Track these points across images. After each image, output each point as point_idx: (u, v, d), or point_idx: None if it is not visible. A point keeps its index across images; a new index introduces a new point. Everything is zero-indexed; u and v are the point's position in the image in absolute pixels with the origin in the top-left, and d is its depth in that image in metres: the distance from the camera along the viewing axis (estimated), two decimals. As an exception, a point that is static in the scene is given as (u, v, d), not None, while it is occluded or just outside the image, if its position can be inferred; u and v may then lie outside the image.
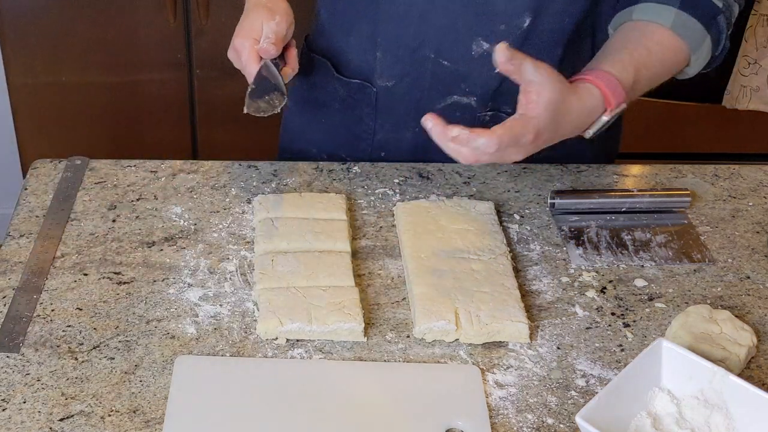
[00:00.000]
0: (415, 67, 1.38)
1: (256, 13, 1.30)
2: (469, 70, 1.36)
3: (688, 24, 1.24)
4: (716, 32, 1.26)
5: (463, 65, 1.36)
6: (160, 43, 2.36)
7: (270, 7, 1.31)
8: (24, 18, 2.30)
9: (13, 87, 2.41)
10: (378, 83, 1.42)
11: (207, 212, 1.30)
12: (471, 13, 1.31)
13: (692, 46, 1.25)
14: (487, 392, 1.05)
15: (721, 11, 1.26)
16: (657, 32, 1.24)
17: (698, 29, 1.25)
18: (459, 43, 1.34)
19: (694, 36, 1.25)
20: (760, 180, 1.45)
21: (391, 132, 1.45)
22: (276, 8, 1.31)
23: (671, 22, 1.23)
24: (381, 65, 1.40)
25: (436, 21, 1.33)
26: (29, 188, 1.33)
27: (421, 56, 1.37)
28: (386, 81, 1.41)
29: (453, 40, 1.34)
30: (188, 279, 1.18)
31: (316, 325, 1.09)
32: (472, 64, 1.35)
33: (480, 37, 1.33)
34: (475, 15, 1.31)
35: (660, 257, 1.27)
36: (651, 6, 1.26)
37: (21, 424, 0.98)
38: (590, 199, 1.34)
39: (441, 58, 1.36)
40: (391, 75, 1.40)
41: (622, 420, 0.99)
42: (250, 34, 1.28)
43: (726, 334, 1.09)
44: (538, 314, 1.16)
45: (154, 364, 1.06)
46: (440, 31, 1.34)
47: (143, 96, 2.44)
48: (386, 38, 1.38)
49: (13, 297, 1.14)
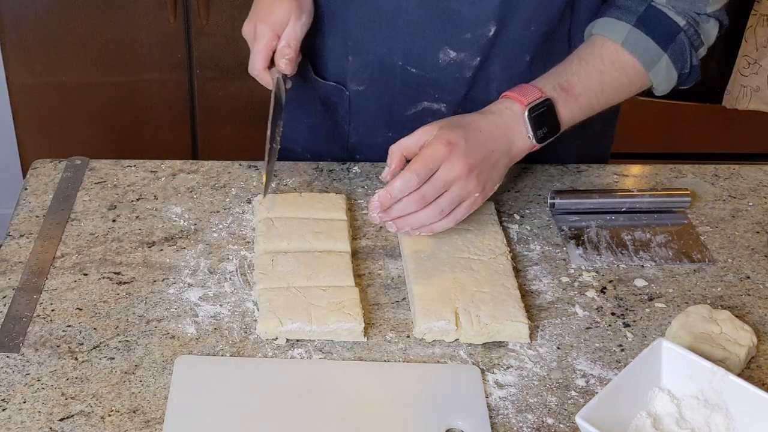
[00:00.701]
0: (384, 73, 1.38)
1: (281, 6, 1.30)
2: (437, 77, 1.36)
3: (640, 41, 1.25)
4: (677, 50, 1.27)
5: (431, 72, 1.36)
6: (160, 43, 2.36)
7: (299, 3, 1.32)
8: (24, 18, 2.30)
9: (13, 87, 2.40)
10: (350, 87, 1.42)
11: (207, 212, 1.30)
12: (437, 22, 1.32)
13: (646, 64, 1.26)
14: (487, 392, 1.05)
15: (682, 29, 1.26)
16: (607, 48, 1.26)
17: (652, 48, 1.25)
18: (426, 51, 1.34)
19: (647, 53, 1.25)
20: (760, 180, 1.45)
21: (364, 136, 1.45)
22: (305, 3, 1.33)
23: (623, 38, 1.25)
24: (352, 69, 1.40)
25: (404, 29, 1.33)
26: (29, 188, 1.33)
27: (390, 63, 1.37)
28: (357, 85, 1.41)
29: (420, 48, 1.34)
30: (188, 279, 1.18)
31: (316, 325, 1.09)
32: (439, 72, 1.35)
33: (447, 45, 1.33)
34: (442, 24, 1.32)
35: (660, 257, 1.27)
36: (609, 21, 1.27)
37: (21, 424, 0.98)
38: (590, 199, 1.34)
39: (408, 65, 1.36)
40: (361, 80, 1.40)
41: (622, 420, 0.99)
42: (274, 27, 1.29)
43: (726, 334, 1.09)
44: (538, 314, 1.16)
45: (154, 364, 1.06)
46: (407, 39, 1.34)
47: (143, 96, 2.44)
48: (356, 43, 1.38)
49: (13, 297, 1.14)
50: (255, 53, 1.30)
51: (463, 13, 1.30)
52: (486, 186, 1.18)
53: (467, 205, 1.17)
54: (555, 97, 1.22)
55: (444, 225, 1.18)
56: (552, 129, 1.22)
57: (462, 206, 1.17)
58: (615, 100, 1.29)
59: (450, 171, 1.14)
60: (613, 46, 1.26)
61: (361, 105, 1.43)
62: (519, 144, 1.21)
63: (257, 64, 1.30)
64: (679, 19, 1.26)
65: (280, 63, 1.29)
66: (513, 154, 1.21)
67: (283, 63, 1.29)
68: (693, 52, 1.28)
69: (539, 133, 1.21)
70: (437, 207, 1.15)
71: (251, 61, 1.31)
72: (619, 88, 1.28)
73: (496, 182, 1.21)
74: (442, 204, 1.15)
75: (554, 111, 1.22)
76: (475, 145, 1.16)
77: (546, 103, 1.21)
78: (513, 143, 1.20)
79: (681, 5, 1.26)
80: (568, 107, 1.23)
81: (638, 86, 1.29)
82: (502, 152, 1.19)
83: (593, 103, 1.26)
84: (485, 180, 1.18)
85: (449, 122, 1.19)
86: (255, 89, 1.38)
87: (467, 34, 1.32)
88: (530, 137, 1.21)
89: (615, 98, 1.29)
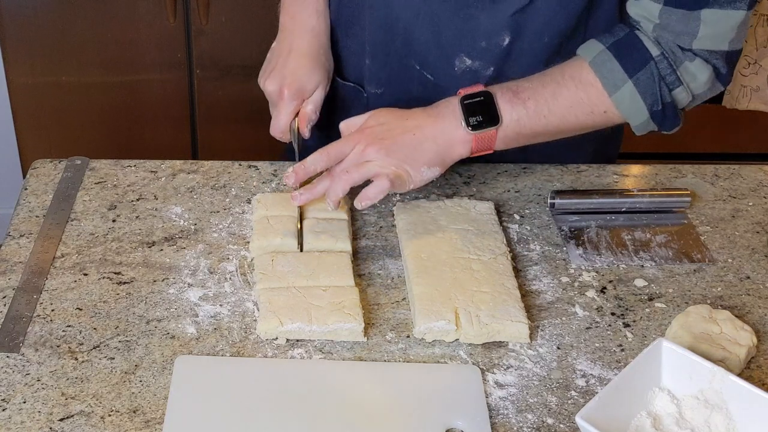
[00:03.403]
0: (402, 77, 1.39)
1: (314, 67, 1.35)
2: (452, 85, 1.36)
3: (607, 63, 1.22)
4: (644, 80, 1.21)
5: (446, 80, 1.36)
6: (160, 43, 2.36)
7: (326, 68, 1.37)
8: (24, 18, 2.30)
9: (13, 87, 2.40)
10: (368, 89, 1.43)
11: (207, 212, 1.30)
12: (454, 29, 1.32)
13: (606, 86, 1.22)
14: (487, 392, 1.05)
15: (653, 58, 1.21)
16: (573, 65, 1.25)
17: (617, 70, 1.21)
18: (442, 57, 1.35)
19: (611, 76, 1.22)
20: (760, 180, 1.45)
21: None
22: (330, 68, 1.39)
23: (591, 57, 1.23)
24: (369, 72, 1.41)
25: (421, 35, 1.34)
26: (29, 188, 1.33)
27: (408, 66, 1.38)
28: (375, 88, 1.42)
29: (437, 54, 1.35)
30: (188, 279, 1.18)
31: (316, 325, 1.09)
32: (454, 80, 1.35)
33: (463, 53, 1.34)
34: (458, 31, 1.32)
35: (660, 257, 1.27)
36: (590, 42, 1.26)
37: (21, 424, 0.98)
38: (590, 199, 1.34)
39: (425, 70, 1.37)
40: (379, 82, 1.41)
41: (622, 420, 0.99)
42: (301, 94, 1.34)
43: (726, 334, 1.09)
44: (538, 314, 1.16)
45: (154, 364, 1.06)
46: (425, 45, 1.34)
47: (143, 96, 2.44)
48: (374, 46, 1.38)
49: (13, 297, 1.14)
50: (282, 115, 1.33)
51: (480, 21, 1.30)
52: (407, 164, 1.20)
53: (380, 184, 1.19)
54: (498, 94, 1.22)
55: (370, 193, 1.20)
56: (488, 119, 1.21)
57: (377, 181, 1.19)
58: (573, 116, 1.24)
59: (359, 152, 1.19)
60: (579, 63, 1.24)
61: (378, 107, 1.43)
62: (450, 131, 1.22)
63: (282, 126, 1.33)
64: (653, 49, 1.21)
65: (306, 127, 1.33)
66: (443, 141, 1.21)
67: (308, 128, 1.34)
68: (664, 88, 1.21)
69: (471, 120, 1.21)
70: (344, 172, 1.19)
71: (277, 121, 1.34)
72: (575, 104, 1.23)
73: (422, 164, 1.21)
74: (345, 164, 1.19)
75: (493, 104, 1.22)
76: (394, 128, 1.21)
77: (483, 94, 1.22)
78: (444, 130, 1.22)
79: (666, 36, 1.21)
80: (511, 105, 1.22)
81: (602, 110, 1.24)
82: (427, 136, 1.21)
83: (544, 110, 1.23)
84: (402, 158, 1.19)
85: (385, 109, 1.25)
86: (255, 89, 1.38)
87: (482, 42, 1.32)
88: (462, 124, 1.21)
89: (572, 113, 1.24)
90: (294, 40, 1.37)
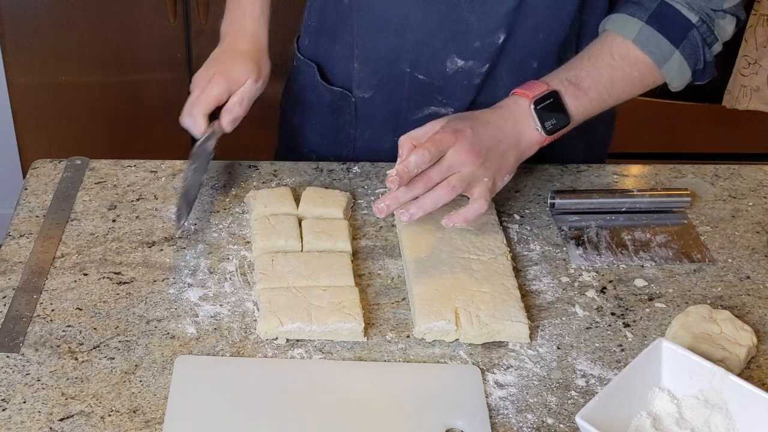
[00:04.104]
0: (392, 80, 1.38)
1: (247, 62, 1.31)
2: (445, 84, 1.36)
3: (652, 38, 1.25)
4: (690, 47, 1.26)
5: (439, 80, 1.36)
6: (160, 43, 2.36)
7: (260, 65, 1.33)
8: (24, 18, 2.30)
9: (13, 87, 2.40)
10: (356, 93, 1.42)
11: (207, 212, 1.30)
12: (446, 31, 1.32)
13: (657, 60, 1.26)
14: (487, 392, 1.05)
15: (695, 26, 1.26)
16: (618, 44, 1.26)
17: (664, 44, 1.25)
18: (434, 59, 1.35)
19: (659, 50, 1.25)
20: (760, 180, 1.45)
21: (370, 141, 1.46)
22: (264, 68, 1.34)
23: (634, 35, 1.25)
24: (358, 76, 1.40)
25: (411, 37, 1.33)
26: (29, 188, 1.33)
27: (398, 69, 1.37)
28: (364, 92, 1.41)
29: (428, 55, 1.35)
30: (188, 279, 1.18)
31: (316, 325, 1.09)
32: (447, 79, 1.36)
33: (454, 54, 1.34)
34: (450, 33, 1.32)
35: (660, 257, 1.27)
36: (621, 17, 1.27)
37: (21, 424, 0.98)
38: (590, 199, 1.34)
39: (417, 72, 1.37)
40: (368, 86, 1.41)
41: (622, 420, 0.99)
42: (229, 84, 1.29)
43: (726, 334, 1.09)
44: (538, 314, 1.16)
45: (154, 364, 1.06)
46: (415, 47, 1.34)
47: (143, 96, 2.44)
48: (363, 50, 1.38)
49: (13, 297, 1.14)
50: (201, 98, 1.28)
51: (472, 23, 1.30)
52: (496, 175, 1.18)
53: (480, 189, 1.17)
54: (562, 90, 1.23)
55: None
56: (561, 120, 1.23)
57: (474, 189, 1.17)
58: (627, 93, 1.29)
59: (456, 156, 1.14)
60: (624, 42, 1.26)
61: (367, 110, 1.43)
62: (528, 136, 1.21)
63: (201, 109, 1.27)
64: (692, 16, 1.26)
65: (226, 119, 1.28)
66: (522, 147, 1.22)
67: (229, 120, 1.28)
68: (706, 49, 1.28)
69: (547, 125, 1.21)
70: (448, 184, 1.14)
71: (193, 104, 1.28)
72: (630, 83, 1.27)
73: (505, 173, 1.20)
74: (453, 181, 1.14)
75: (561, 103, 1.22)
76: (482, 135, 1.17)
77: (552, 95, 1.22)
78: (522, 136, 1.21)
79: (697, 2, 1.26)
80: (577, 100, 1.23)
81: (651, 81, 1.29)
82: (511, 144, 1.20)
83: (604, 96, 1.26)
84: (494, 170, 1.18)
85: (458, 115, 1.22)
86: (254, 89, 1.38)
87: (476, 42, 1.32)
88: (538, 129, 1.21)
89: (627, 92, 1.29)
90: (232, 42, 1.35)
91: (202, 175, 1.28)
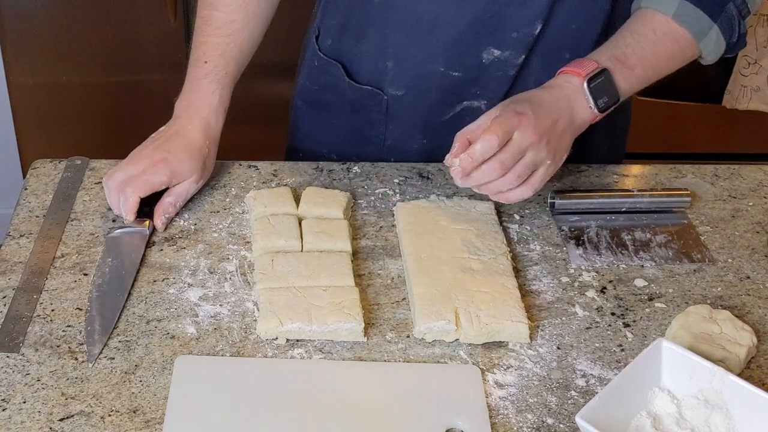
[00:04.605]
0: (425, 79, 1.39)
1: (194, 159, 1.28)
2: (480, 75, 1.37)
3: (691, 14, 1.26)
4: (726, 21, 1.28)
5: (474, 72, 1.37)
6: (160, 43, 2.36)
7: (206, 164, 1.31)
8: (24, 18, 2.30)
9: (13, 87, 2.40)
10: (389, 91, 1.42)
11: (207, 212, 1.30)
12: (480, 26, 1.32)
13: (696, 35, 1.27)
14: (487, 392, 1.05)
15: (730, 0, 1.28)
16: (658, 20, 1.27)
17: (703, 19, 1.27)
18: (468, 53, 1.35)
19: (698, 25, 1.27)
20: (760, 180, 1.45)
21: (400, 139, 1.45)
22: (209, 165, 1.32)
23: (673, 11, 1.26)
24: (392, 74, 1.40)
25: (444, 35, 1.34)
26: (29, 188, 1.33)
27: (431, 68, 1.37)
28: (397, 90, 1.41)
29: (461, 51, 1.35)
30: (188, 279, 1.18)
31: (316, 325, 1.09)
32: (482, 70, 1.36)
33: (491, 45, 1.34)
34: (485, 27, 1.32)
35: (660, 257, 1.27)
36: None
37: (21, 424, 0.98)
38: (590, 199, 1.34)
39: (451, 69, 1.37)
40: (401, 84, 1.41)
41: (622, 420, 0.99)
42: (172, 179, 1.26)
43: (726, 334, 1.09)
44: (538, 314, 1.16)
45: (154, 364, 1.06)
46: (448, 44, 1.34)
47: (143, 96, 2.44)
48: (396, 49, 1.38)
49: (13, 297, 1.14)
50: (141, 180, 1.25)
51: (510, 15, 1.31)
52: (556, 155, 1.19)
53: (542, 172, 1.18)
54: (611, 68, 1.24)
55: (522, 193, 1.18)
56: (612, 98, 1.24)
57: (537, 173, 1.18)
58: (668, 69, 1.30)
59: (523, 137, 1.15)
60: (663, 18, 1.27)
61: (398, 109, 1.43)
62: (582, 114, 1.23)
63: (138, 191, 1.24)
64: None
65: (160, 219, 1.25)
66: (577, 125, 1.23)
67: (162, 221, 1.25)
68: (741, 21, 1.29)
69: (600, 102, 1.23)
70: (514, 173, 1.16)
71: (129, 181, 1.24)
72: (671, 58, 1.29)
73: (563, 152, 1.21)
74: (519, 170, 1.16)
75: (612, 81, 1.24)
76: (542, 114, 1.18)
77: (603, 72, 1.23)
78: (576, 114, 1.22)
79: None
80: (624, 77, 1.25)
81: (690, 56, 1.31)
82: (567, 122, 1.21)
83: (648, 72, 1.28)
84: (555, 149, 1.19)
85: (512, 99, 1.22)
86: (254, 89, 1.38)
87: (513, 33, 1.33)
88: (591, 107, 1.22)
89: (668, 67, 1.30)
90: (183, 128, 1.32)
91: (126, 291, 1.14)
